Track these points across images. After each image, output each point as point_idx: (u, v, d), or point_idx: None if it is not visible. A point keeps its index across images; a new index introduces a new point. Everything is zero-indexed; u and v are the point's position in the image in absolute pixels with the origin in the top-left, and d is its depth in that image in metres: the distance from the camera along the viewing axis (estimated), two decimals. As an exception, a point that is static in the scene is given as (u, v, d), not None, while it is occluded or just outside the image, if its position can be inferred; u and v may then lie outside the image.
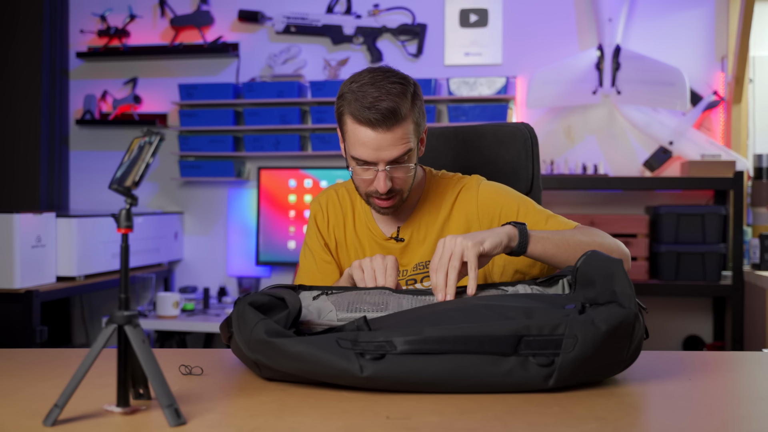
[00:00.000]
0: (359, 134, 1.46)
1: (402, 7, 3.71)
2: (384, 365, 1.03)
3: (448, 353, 1.02)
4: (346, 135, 1.50)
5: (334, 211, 1.67)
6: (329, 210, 1.67)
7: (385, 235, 1.62)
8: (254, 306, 1.14)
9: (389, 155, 1.46)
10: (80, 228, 3.01)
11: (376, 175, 1.48)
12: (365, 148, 1.46)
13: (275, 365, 1.08)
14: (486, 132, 1.85)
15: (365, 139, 1.45)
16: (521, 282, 1.37)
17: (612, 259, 1.17)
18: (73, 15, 3.99)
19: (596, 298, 1.15)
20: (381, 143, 1.45)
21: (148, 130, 1.00)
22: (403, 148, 1.47)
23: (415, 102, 1.49)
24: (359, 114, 1.44)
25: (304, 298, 1.33)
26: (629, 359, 1.10)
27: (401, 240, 1.61)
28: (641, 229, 3.29)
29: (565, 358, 1.03)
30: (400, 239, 1.61)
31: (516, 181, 1.78)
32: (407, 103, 1.46)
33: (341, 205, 1.67)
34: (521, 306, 1.13)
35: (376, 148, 1.45)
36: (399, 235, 1.61)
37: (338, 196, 1.68)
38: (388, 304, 1.28)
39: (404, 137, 1.47)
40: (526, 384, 1.03)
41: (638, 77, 3.40)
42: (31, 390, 1.10)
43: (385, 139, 1.45)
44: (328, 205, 1.67)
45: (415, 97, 1.50)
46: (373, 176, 1.49)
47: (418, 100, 1.51)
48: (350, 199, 1.68)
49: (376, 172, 1.48)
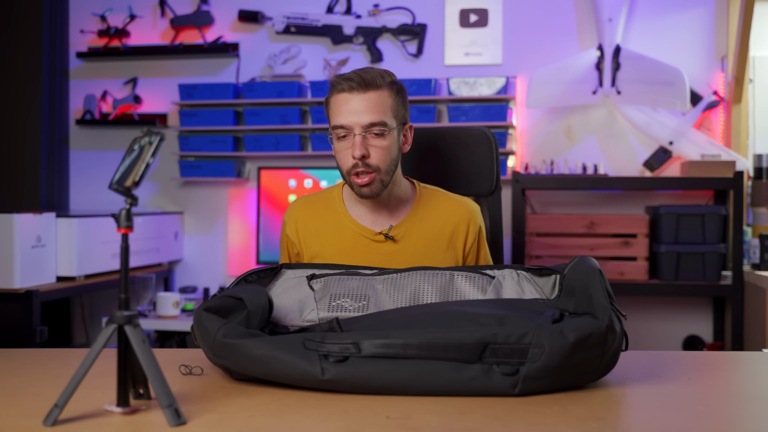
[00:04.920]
0: (338, 101, 1.56)
1: (402, 7, 3.71)
2: (346, 368, 1.03)
3: (412, 358, 1.02)
4: (330, 114, 1.59)
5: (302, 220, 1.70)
6: (298, 220, 1.71)
7: (373, 230, 1.64)
8: (211, 311, 1.13)
9: (364, 119, 1.54)
10: (80, 228, 3.01)
11: (353, 142, 1.55)
12: (341, 111, 1.55)
13: (240, 369, 1.08)
14: (446, 135, 2.00)
15: (341, 102, 1.56)
16: (509, 267, 1.38)
17: (592, 269, 1.18)
18: (73, 15, 3.99)
19: (575, 308, 1.16)
20: (356, 106, 1.55)
21: (148, 130, 1.00)
22: (378, 116, 1.55)
23: (394, 87, 1.60)
24: (339, 84, 1.56)
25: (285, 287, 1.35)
26: (602, 369, 1.09)
27: (391, 238, 1.63)
28: (641, 229, 3.29)
29: (531, 367, 1.02)
30: (390, 237, 1.63)
31: (481, 181, 1.97)
32: (385, 82, 1.58)
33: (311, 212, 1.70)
34: (496, 313, 1.13)
35: (351, 110, 1.55)
36: (390, 234, 1.64)
37: (308, 203, 1.73)
38: (369, 298, 1.31)
39: (379, 105, 1.56)
40: (489, 392, 1.02)
41: (638, 77, 3.40)
42: (31, 390, 1.10)
43: (360, 101, 1.55)
44: (296, 217, 1.71)
45: (397, 86, 1.61)
46: (351, 145, 1.56)
47: (401, 91, 1.62)
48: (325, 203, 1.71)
49: (353, 138, 1.55)
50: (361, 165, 1.55)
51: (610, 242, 3.30)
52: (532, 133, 3.62)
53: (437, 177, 1.93)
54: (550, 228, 3.34)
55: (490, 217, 2.00)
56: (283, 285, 1.39)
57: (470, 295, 1.35)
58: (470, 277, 1.38)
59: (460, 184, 1.97)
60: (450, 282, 1.37)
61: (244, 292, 1.23)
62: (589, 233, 3.32)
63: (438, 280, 1.36)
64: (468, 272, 1.39)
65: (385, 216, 1.66)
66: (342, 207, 1.68)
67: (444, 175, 1.96)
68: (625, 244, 3.30)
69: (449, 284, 1.37)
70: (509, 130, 3.56)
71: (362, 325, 1.14)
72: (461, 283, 1.37)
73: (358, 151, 1.54)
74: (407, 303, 1.34)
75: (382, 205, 1.65)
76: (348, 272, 1.40)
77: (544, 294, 1.34)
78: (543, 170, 3.50)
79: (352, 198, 1.68)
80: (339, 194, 1.71)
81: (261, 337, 1.08)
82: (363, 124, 1.54)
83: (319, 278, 1.38)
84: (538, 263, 2.69)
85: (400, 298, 1.34)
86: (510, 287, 1.36)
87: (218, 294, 1.24)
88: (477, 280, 1.37)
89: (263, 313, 1.25)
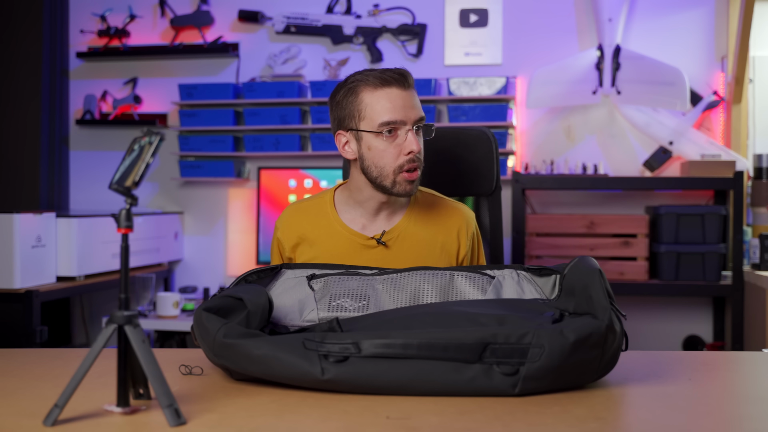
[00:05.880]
0: (385, 96, 1.53)
1: (402, 7, 3.71)
2: (346, 368, 1.03)
3: (412, 358, 1.02)
4: (365, 111, 1.54)
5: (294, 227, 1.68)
6: (291, 226, 1.68)
7: (365, 235, 1.63)
8: (211, 311, 1.13)
9: (416, 114, 1.54)
10: (80, 228, 3.01)
11: (406, 137, 1.53)
12: (394, 106, 1.52)
13: (240, 369, 1.08)
14: (447, 135, 1.99)
15: (392, 96, 1.52)
16: (509, 267, 1.38)
17: (591, 269, 1.18)
18: (73, 15, 3.99)
19: (575, 308, 1.16)
20: (407, 100, 1.53)
21: (148, 130, 1.00)
22: (422, 111, 1.56)
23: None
24: (381, 78, 1.52)
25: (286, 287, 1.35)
26: (602, 369, 1.09)
27: (383, 243, 1.62)
28: (641, 229, 3.29)
29: (531, 367, 1.02)
30: (382, 242, 1.62)
31: (481, 182, 1.96)
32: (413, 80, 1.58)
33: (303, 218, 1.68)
34: (496, 313, 1.13)
35: (404, 104, 1.52)
36: (382, 239, 1.62)
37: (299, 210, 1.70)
38: (369, 298, 1.31)
39: (419, 102, 1.57)
40: (489, 392, 1.02)
41: (638, 77, 3.40)
42: (31, 390, 1.10)
43: (409, 96, 1.54)
44: (288, 224, 1.69)
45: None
46: (403, 140, 1.53)
47: None
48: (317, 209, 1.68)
49: (406, 134, 1.53)
50: (416, 160, 1.55)
51: (610, 242, 3.30)
52: (532, 133, 3.62)
53: (438, 177, 1.93)
54: (550, 228, 3.34)
55: (490, 217, 2.00)
56: (283, 285, 1.39)
57: (470, 295, 1.35)
58: (470, 277, 1.38)
59: (460, 184, 1.98)
60: (450, 282, 1.37)
61: (244, 292, 1.23)
62: (589, 233, 3.31)
63: (438, 280, 1.36)
64: (468, 272, 1.39)
65: (380, 220, 1.64)
66: (333, 212, 1.66)
67: (444, 176, 1.96)
68: (625, 244, 3.30)
69: (449, 284, 1.37)
70: (509, 130, 3.56)
71: (362, 325, 1.14)
72: (461, 283, 1.37)
73: (417, 146, 1.53)
74: (407, 303, 1.34)
75: (386, 206, 1.64)
76: (348, 272, 1.40)
77: (544, 294, 1.34)
78: (543, 170, 3.50)
79: (347, 202, 1.66)
80: (330, 199, 1.68)
81: (261, 337, 1.08)
82: (415, 119, 1.54)
83: (319, 278, 1.38)
84: (538, 263, 2.69)
85: (400, 298, 1.34)
86: (510, 287, 1.36)
87: (218, 294, 1.24)
88: (477, 280, 1.37)
89: (263, 313, 1.25)
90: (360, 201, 1.63)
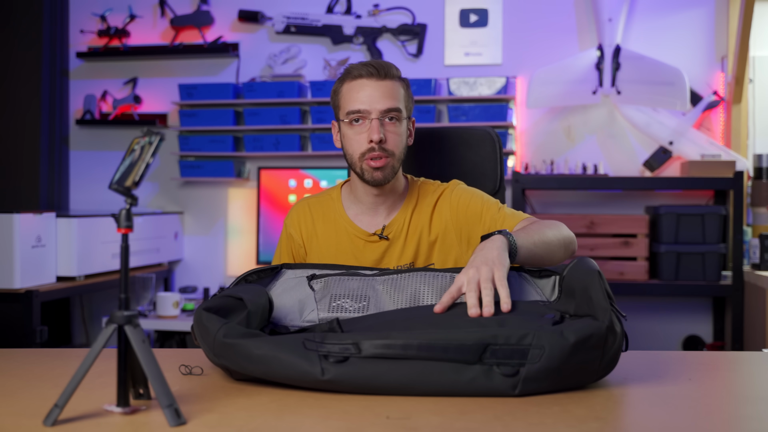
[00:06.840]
0: (354, 87, 1.59)
1: (402, 7, 3.71)
2: (346, 369, 1.03)
3: (412, 359, 1.02)
4: (340, 102, 1.62)
5: (305, 222, 1.72)
6: (301, 222, 1.73)
7: (368, 232, 1.66)
8: (211, 311, 1.13)
9: (381, 105, 1.57)
10: (80, 228, 3.01)
11: (370, 126, 1.57)
12: (359, 96, 1.58)
13: (240, 369, 1.08)
14: (450, 135, 2.00)
15: (359, 87, 1.58)
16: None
17: (591, 270, 1.18)
18: (73, 15, 3.99)
19: (576, 310, 1.16)
20: (374, 92, 1.58)
21: (148, 130, 1.00)
22: (394, 103, 1.59)
23: (403, 80, 1.64)
24: (355, 71, 1.59)
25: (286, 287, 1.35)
26: (602, 370, 1.09)
27: (385, 237, 1.65)
28: (641, 229, 3.29)
29: (531, 368, 1.02)
30: (384, 237, 1.65)
31: (485, 181, 1.95)
32: (398, 73, 1.62)
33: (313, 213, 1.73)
34: (496, 315, 1.13)
35: (370, 96, 1.57)
36: (384, 233, 1.66)
37: (309, 205, 1.74)
38: (369, 299, 1.31)
39: (394, 93, 1.59)
40: (489, 393, 1.02)
41: (638, 77, 3.40)
42: (31, 390, 1.10)
43: (377, 87, 1.58)
44: (300, 217, 1.73)
45: (405, 80, 1.65)
46: (367, 129, 1.58)
47: (408, 86, 1.66)
48: (325, 205, 1.73)
49: (370, 123, 1.58)
50: (378, 149, 1.57)
51: (610, 242, 3.30)
52: (532, 133, 3.62)
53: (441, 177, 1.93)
54: (550, 228, 3.34)
55: (492, 216, 2.01)
56: (283, 285, 1.39)
57: None
58: None
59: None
60: (450, 283, 1.37)
61: (244, 292, 1.23)
62: (589, 233, 3.31)
63: (438, 281, 1.36)
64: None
65: (380, 215, 1.68)
66: (340, 208, 1.70)
67: (447, 175, 1.96)
68: (625, 244, 3.30)
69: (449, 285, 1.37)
70: (509, 130, 3.56)
71: (362, 326, 1.14)
72: None
73: (377, 135, 1.56)
74: (407, 304, 1.34)
75: (381, 200, 1.66)
76: (348, 273, 1.40)
77: (544, 296, 1.34)
78: (543, 170, 3.50)
79: (350, 198, 1.70)
80: (338, 195, 1.73)
81: (261, 337, 1.08)
82: (381, 110, 1.57)
83: (319, 278, 1.39)
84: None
85: (401, 299, 1.34)
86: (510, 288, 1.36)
87: (218, 294, 1.24)
88: None
89: (263, 313, 1.25)
90: (358, 196, 1.68)
